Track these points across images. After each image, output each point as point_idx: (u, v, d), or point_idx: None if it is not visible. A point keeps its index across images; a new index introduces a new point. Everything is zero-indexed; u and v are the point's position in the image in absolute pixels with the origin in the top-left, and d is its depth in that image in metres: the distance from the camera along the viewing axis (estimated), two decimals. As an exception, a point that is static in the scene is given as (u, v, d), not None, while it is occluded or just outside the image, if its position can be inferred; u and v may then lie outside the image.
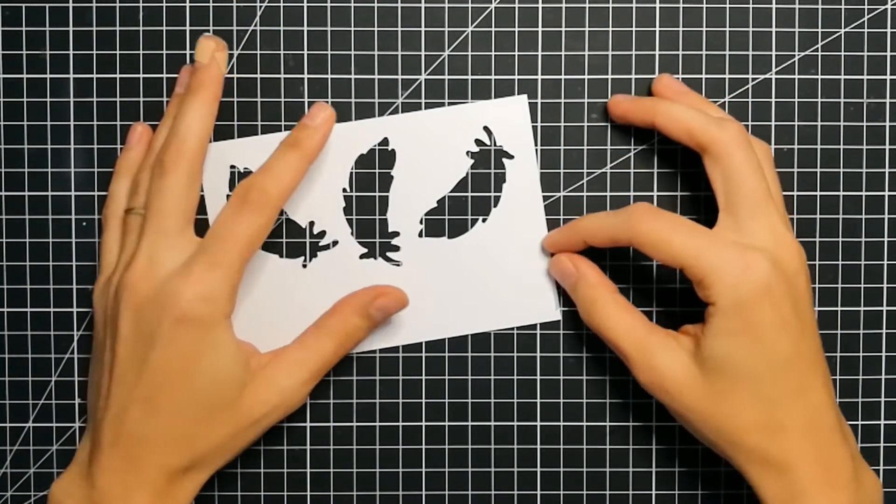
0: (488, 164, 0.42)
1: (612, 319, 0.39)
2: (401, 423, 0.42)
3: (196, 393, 0.36)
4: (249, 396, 0.37)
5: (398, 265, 0.42)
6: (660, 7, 0.42)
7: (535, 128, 0.42)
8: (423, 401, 0.42)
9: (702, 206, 0.42)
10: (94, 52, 0.42)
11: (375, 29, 0.42)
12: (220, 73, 0.39)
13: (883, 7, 0.42)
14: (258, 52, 0.42)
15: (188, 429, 0.36)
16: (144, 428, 0.36)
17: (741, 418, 0.36)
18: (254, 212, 0.37)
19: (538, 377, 0.42)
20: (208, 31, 0.42)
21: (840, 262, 0.42)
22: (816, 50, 0.42)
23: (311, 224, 0.42)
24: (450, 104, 0.42)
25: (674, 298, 0.42)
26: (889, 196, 0.42)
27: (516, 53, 0.42)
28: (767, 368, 0.36)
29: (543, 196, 0.42)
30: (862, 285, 0.42)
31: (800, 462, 0.36)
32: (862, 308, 0.42)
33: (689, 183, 0.42)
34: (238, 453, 0.38)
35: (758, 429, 0.36)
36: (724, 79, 0.42)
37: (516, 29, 0.42)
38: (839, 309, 0.42)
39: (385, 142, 0.42)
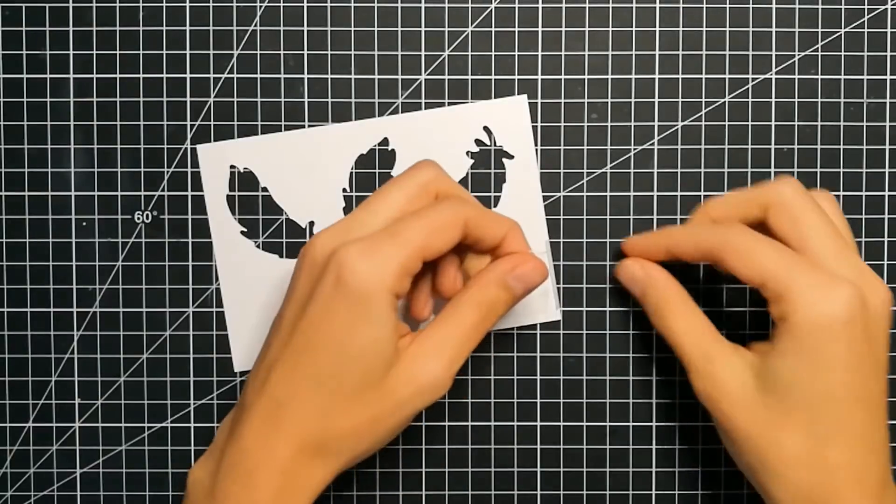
0: (488, 164, 0.42)
1: (681, 323, 0.38)
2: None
3: (342, 365, 0.34)
4: (394, 377, 0.34)
5: (398, 265, 0.42)
6: (660, 7, 0.42)
7: (535, 128, 0.42)
8: (423, 401, 0.42)
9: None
10: (94, 52, 0.42)
11: (375, 29, 0.42)
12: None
13: (883, 7, 0.42)
14: (258, 52, 0.42)
15: (328, 403, 0.34)
16: (281, 391, 0.34)
17: (790, 449, 0.35)
18: (449, 204, 0.35)
19: (538, 377, 0.42)
20: (208, 31, 0.42)
21: (840, 262, 0.42)
22: (816, 50, 0.42)
23: (311, 224, 0.42)
24: (450, 104, 0.42)
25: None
26: (889, 196, 0.42)
27: (516, 53, 0.42)
28: (829, 402, 0.34)
29: (543, 196, 0.42)
30: (862, 285, 0.42)
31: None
32: (862, 308, 0.42)
33: (689, 183, 0.42)
34: (374, 445, 0.35)
35: (805, 464, 0.34)
36: (724, 79, 0.42)
37: (516, 29, 0.42)
38: (839, 309, 0.42)
39: (385, 142, 0.42)
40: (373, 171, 0.42)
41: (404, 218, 0.35)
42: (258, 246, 0.42)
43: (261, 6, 0.42)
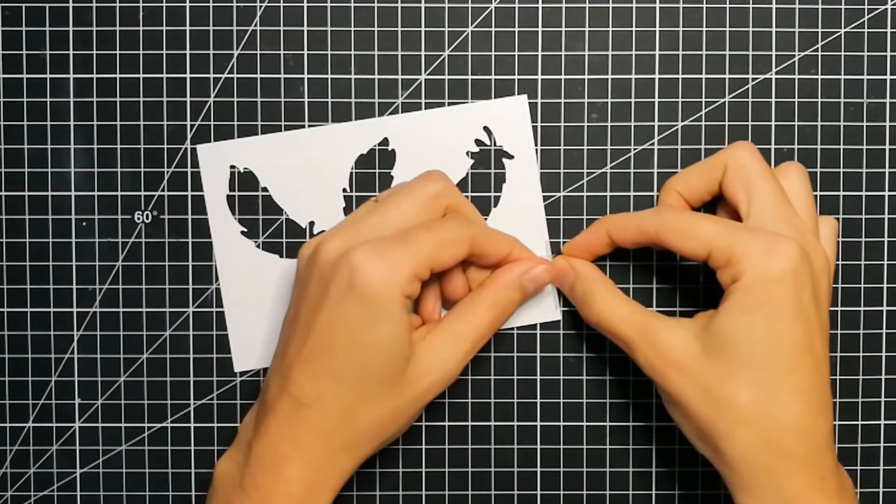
0: (488, 164, 0.42)
1: (610, 309, 0.39)
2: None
3: (361, 363, 0.35)
4: (413, 369, 0.36)
5: (398, 265, 0.42)
6: (660, 7, 0.42)
7: (535, 128, 0.42)
8: (423, 401, 0.42)
9: (701, 206, 0.42)
10: (94, 52, 0.42)
11: (375, 29, 0.42)
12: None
13: (883, 7, 0.42)
14: (258, 52, 0.42)
15: (350, 399, 0.35)
16: (303, 391, 0.35)
17: (739, 406, 0.35)
18: (460, 219, 0.37)
19: (538, 377, 0.42)
20: (208, 31, 0.42)
21: (840, 262, 0.42)
22: (816, 50, 0.42)
23: (312, 224, 0.42)
24: (450, 104, 0.42)
25: (674, 299, 0.42)
26: (889, 196, 0.42)
27: (516, 53, 0.42)
28: (777, 353, 0.35)
29: (543, 196, 0.42)
30: (862, 285, 0.42)
31: (793, 465, 0.35)
32: (862, 308, 0.42)
33: (689, 183, 0.42)
34: (395, 434, 0.37)
35: (754, 421, 0.35)
36: (724, 79, 0.42)
37: (516, 29, 0.42)
38: (839, 309, 0.42)
39: (385, 142, 0.42)
40: (373, 171, 0.42)
41: (415, 228, 0.36)
42: (258, 246, 0.42)
43: (261, 6, 0.42)
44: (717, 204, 0.41)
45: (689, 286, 0.42)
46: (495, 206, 0.42)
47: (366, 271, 0.34)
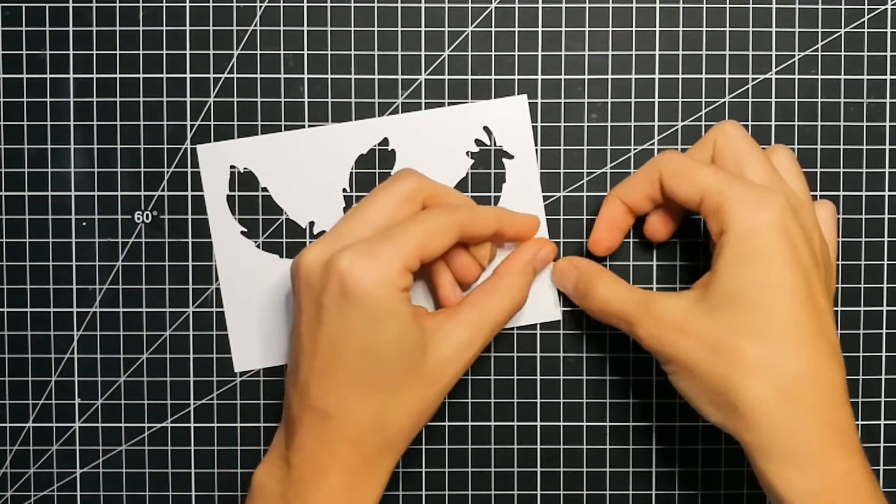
0: (488, 164, 0.42)
1: (611, 293, 0.38)
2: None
3: (375, 366, 0.35)
4: (433, 358, 0.36)
5: (398, 265, 0.42)
6: (660, 7, 0.42)
7: (535, 128, 0.42)
8: (423, 401, 0.42)
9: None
10: (94, 52, 0.42)
11: (375, 29, 0.42)
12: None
13: (883, 7, 0.42)
14: (258, 52, 0.42)
15: (376, 403, 0.35)
16: (325, 403, 0.35)
17: (747, 359, 0.34)
18: (445, 210, 0.37)
19: (538, 377, 0.42)
20: (208, 31, 0.42)
21: (840, 262, 0.42)
22: (816, 50, 0.42)
23: (312, 224, 0.42)
24: (450, 104, 0.42)
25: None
26: (889, 196, 0.42)
27: (516, 53, 0.42)
28: (776, 304, 0.34)
29: (543, 196, 0.42)
30: (862, 285, 0.42)
31: (811, 418, 0.34)
32: (862, 308, 0.42)
33: (689, 183, 0.42)
34: (426, 422, 0.37)
35: (764, 371, 0.34)
36: (724, 79, 0.42)
37: (516, 29, 0.42)
38: (839, 309, 0.42)
39: (385, 142, 0.42)
40: (373, 171, 0.42)
41: (399, 224, 0.36)
42: (258, 246, 0.42)
43: (261, 6, 0.42)
44: None
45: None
46: (495, 206, 0.42)
47: (356, 275, 0.34)
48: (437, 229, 0.36)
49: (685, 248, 0.42)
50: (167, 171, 0.42)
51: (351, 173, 0.42)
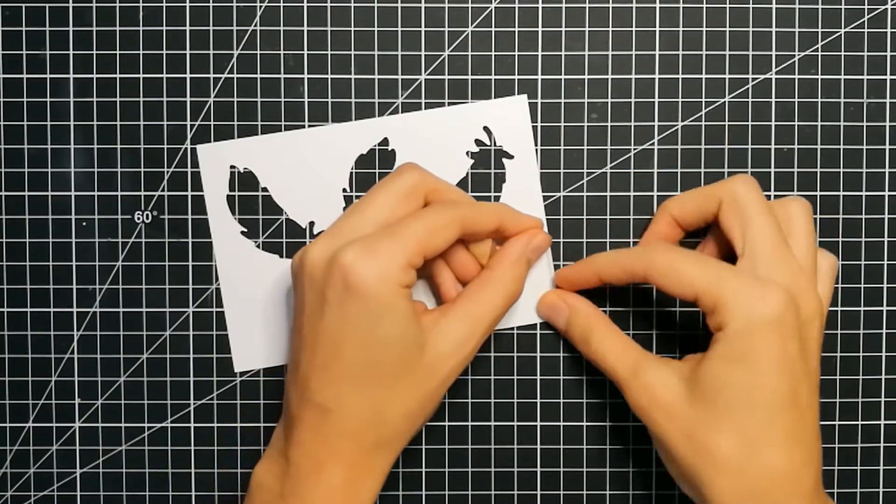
0: (488, 164, 0.42)
1: (607, 344, 0.39)
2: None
3: (374, 362, 0.35)
4: (430, 355, 0.36)
5: (398, 265, 0.42)
6: (660, 7, 0.42)
7: (535, 128, 0.42)
8: (423, 401, 0.42)
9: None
10: (94, 52, 0.42)
11: (375, 29, 0.42)
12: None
13: (883, 7, 0.42)
14: (258, 52, 0.42)
15: (373, 398, 0.35)
16: (324, 397, 0.35)
17: (722, 454, 0.35)
18: (446, 206, 0.37)
19: (538, 377, 0.42)
20: (208, 31, 0.42)
21: (840, 262, 0.42)
22: (816, 50, 0.42)
23: (312, 224, 0.42)
24: (450, 104, 0.42)
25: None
26: (889, 196, 0.42)
27: (516, 53, 0.42)
28: (760, 403, 0.35)
29: (543, 196, 0.42)
30: (862, 285, 0.42)
31: None
32: (862, 308, 0.42)
33: (690, 183, 0.42)
34: (426, 420, 0.37)
35: (737, 469, 0.35)
36: (724, 79, 0.42)
37: (516, 29, 0.42)
38: (839, 309, 0.42)
39: (385, 142, 0.42)
40: (373, 171, 0.42)
41: (401, 220, 0.36)
42: (258, 246, 0.42)
43: (261, 6, 0.42)
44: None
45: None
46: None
47: (359, 271, 0.34)
48: (439, 225, 0.36)
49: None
50: (167, 171, 0.42)
51: (351, 173, 0.42)
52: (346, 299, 0.34)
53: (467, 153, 0.42)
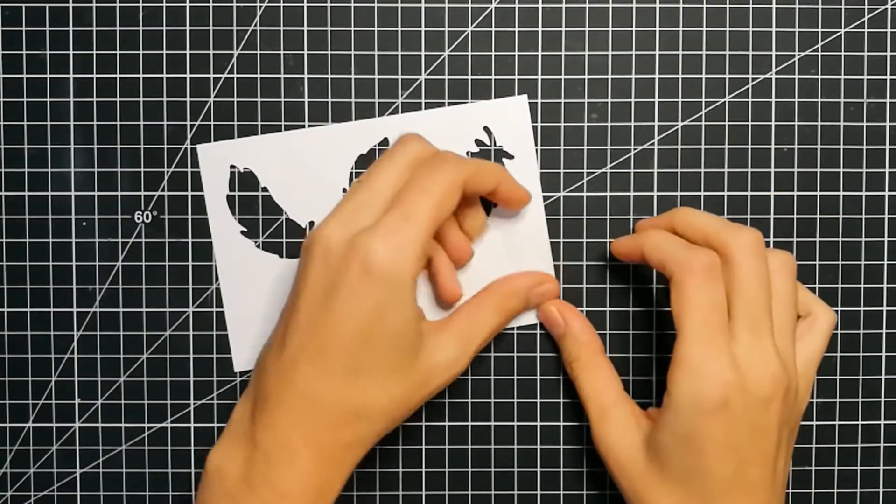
0: (488, 164, 0.42)
1: (587, 380, 0.40)
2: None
3: (374, 352, 0.35)
4: (424, 364, 0.36)
5: (398, 265, 0.42)
6: (660, 7, 0.42)
7: (535, 128, 0.42)
8: (423, 401, 0.42)
9: (701, 206, 0.42)
10: (94, 52, 0.42)
11: (375, 29, 0.42)
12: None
13: (883, 7, 0.42)
14: (258, 52, 0.42)
15: (361, 392, 0.35)
16: (312, 385, 0.35)
17: None
18: (448, 167, 0.36)
19: (538, 377, 0.42)
20: (208, 31, 0.42)
21: (840, 262, 0.42)
22: (816, 50, 0.42)
23: (311, 224, 0.42)
24: (450, 104, 0.42)
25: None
26: (889, 196, 0.42)
27: (516, 53, 0.42)
28: (702, 481, 0.35)
29: (543, 196, 0.42)
30: (862, 285, 0.42)
31: None
32: (862, 308, 0.42)
33: (689, 183, 0.42)
34: (401, 421, 0.37)
35: None
36: (724, 79, 0.42)
37: (516, 29, 0.42)
38: (839, 309, 0.42)
39: (385, 142, 0.42)
40: (373, 171, 0.42)
41: (409, 193, 0.35)
42: (258, 246, 0.42)
43: (261, 6, 0.42)
44: None
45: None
46: (495, 206, 0.42)
47: (378, 259, 0.34)
48: (446, 193, 0.35)
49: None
50: (167, 171, 0.42)
51: (351, 173, 0.42)
52: (363, 285, 0.34)
53: (467, 153, 0.42)
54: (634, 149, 0.42)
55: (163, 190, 0.42)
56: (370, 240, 0.34)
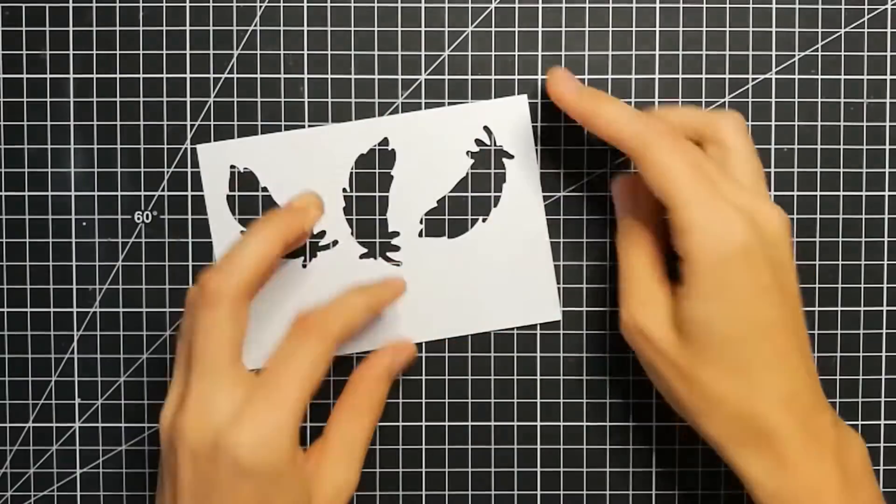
0: (488, 164, 0.42)
1: (633, 254, 0.38)
2: (401, 423, 0.42)
3: None
4: (318, 501, 0.36)
5: (398, 265, 0.42)
6: (660, 7, 0.42)
7: (535, 128, 0.42)
8: (423, 401, 0.42)
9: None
10: (94, 52, 0.42)
11: (375, 29, 0.42)
12: (302, 220, 0.38)
13: (883, 7, 0.42)
14: (258, 52, 0.42)
15: None
16: None
17: (719, 386, 0.35)
18: (311, 339, 0.35)
19: (538, 377, 0.42)
20: (208, 31, 0.42)
21: (840, 262, 0.42)
22: (816, 50, 0.42)
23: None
24: (450, 104, 0.42)
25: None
26: (889, 196, 0.42)
27: (516, 53, 0.42)
28: (745, 335, 0.35)
29: (543, 196, 0.42)
30: (862, 285, 0.42)
31: (781, 431, 0.35)
32: (862, 308, 0.42)
33: (689, 183, 0.42)
34: None
35: (736, 397, 0.35)
36: (724, 79, 0.42)
37: (516, 29, 0.42)
38: (839, 309, 0.42)
39: (385, 142, 0.42)
40: (373, 171, 0.42)
41: (277, 375, 0.34)
42: (258, 246, 0.42)
43: (261, 6, 0.42)
44: None
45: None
46: (495, 206, 0.42)
47: (248, 451, 0.32)
48: (314, 368, 0.35)
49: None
50: (167, 171, 0.42)
51: (351, 173, 0.42)
52: (238, 486, 0.33)
53: (467, 153, 0.42)
54: (634, 149, 0.42)
55: (163, 190, 0.42)
56: (237, 438, 0.32)
